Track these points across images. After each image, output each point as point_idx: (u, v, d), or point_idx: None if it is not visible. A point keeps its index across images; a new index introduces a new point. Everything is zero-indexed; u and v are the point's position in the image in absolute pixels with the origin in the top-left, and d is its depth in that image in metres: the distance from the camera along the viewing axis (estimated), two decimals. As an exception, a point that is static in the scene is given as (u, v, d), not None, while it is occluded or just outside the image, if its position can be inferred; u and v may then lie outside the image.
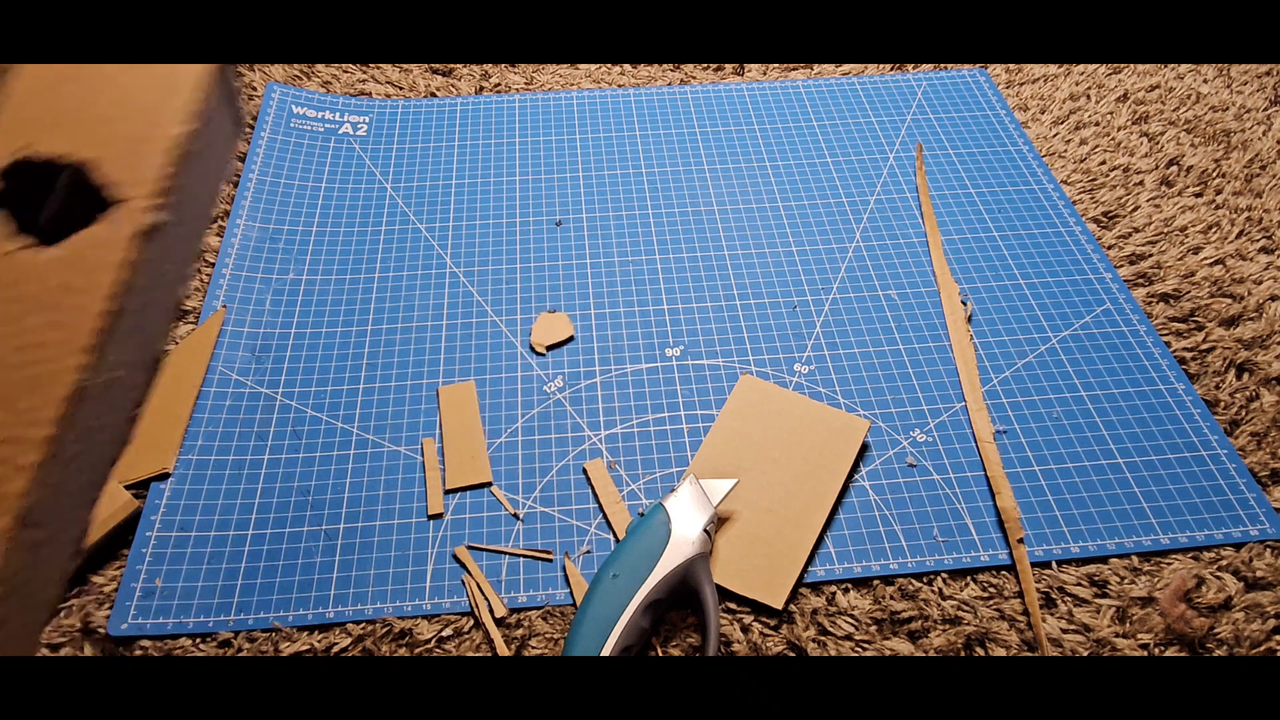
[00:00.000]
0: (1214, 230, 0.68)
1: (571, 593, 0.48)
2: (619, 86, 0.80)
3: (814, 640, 0.47)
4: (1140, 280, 0.65)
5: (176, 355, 0.57)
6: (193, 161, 0.27)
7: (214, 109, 0.27)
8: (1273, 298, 0.63)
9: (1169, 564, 0.50)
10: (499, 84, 0.80)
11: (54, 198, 0.25)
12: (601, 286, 0.64)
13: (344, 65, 0.80)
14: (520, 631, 0.47)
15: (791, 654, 0.47)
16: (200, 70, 0.26)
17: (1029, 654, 0.47)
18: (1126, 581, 0.49)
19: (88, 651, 0.45)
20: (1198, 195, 0.71)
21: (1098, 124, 0.77)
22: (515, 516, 0.51)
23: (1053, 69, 0.83)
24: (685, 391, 0.58)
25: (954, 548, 0.50)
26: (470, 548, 0.50)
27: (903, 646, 0.47)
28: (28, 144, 0.24)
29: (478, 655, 0.46)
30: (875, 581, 0.49)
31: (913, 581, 0.49)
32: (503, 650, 0.46)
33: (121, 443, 0.26)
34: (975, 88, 0.80)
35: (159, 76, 0.27)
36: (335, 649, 0.46)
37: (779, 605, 0.47)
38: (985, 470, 0.54)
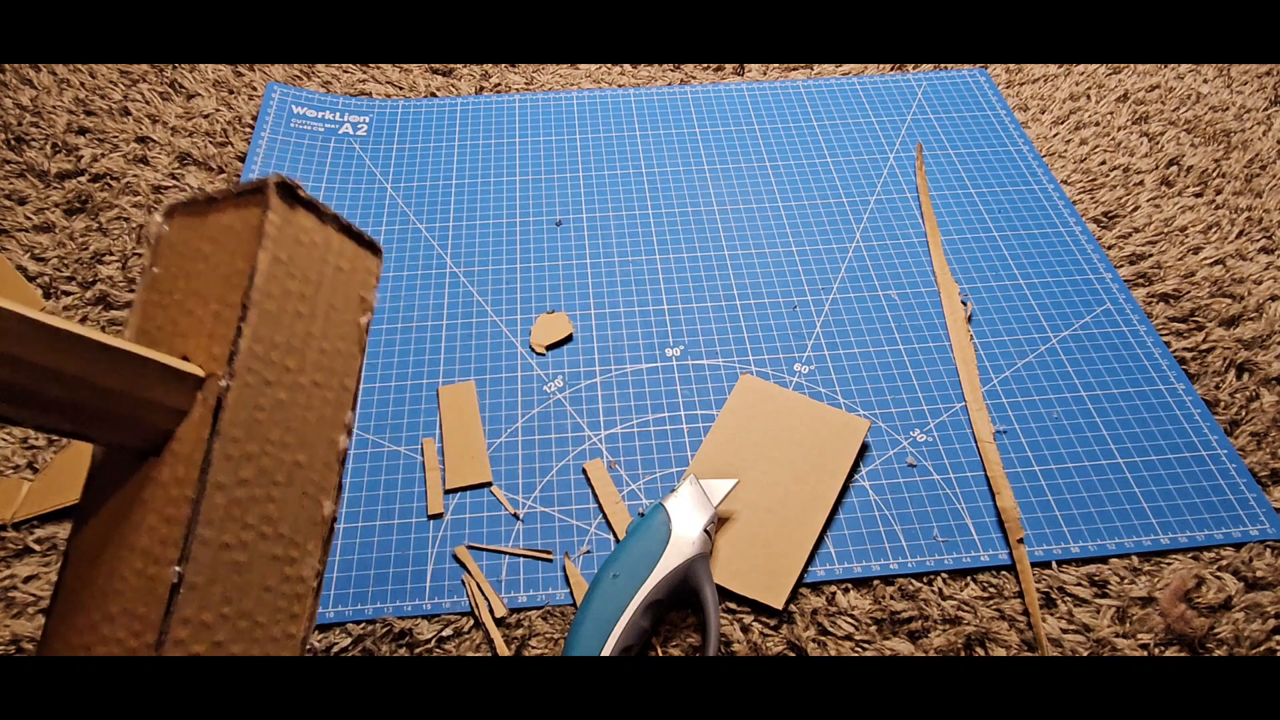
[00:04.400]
0: (1214, 230, 0.68)
1: (571, 593, 0.48)
2: (619, 86, 0.80)
3: (814, 640, 0.47)
4: (1140, 280, 0.65)
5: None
6: (282, 312, 0.26)
7: (293, 253, 0.26)
8: (1273, 298, 0.63)
9: (1169, 564, 0.50)
10: (499, 84, 0.80)
11: None
12: (601, 286, 0.64)
13: (344, 65, 0.80)
14: (520, 631, 0.47)
15: (791, 654, 0.47)
16: (256, 217, 0.25)
17: (1029, 654, 0.47)
18: (1126, 581, 0.49)
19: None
20: (1198, 195, 0.71)
21: (1098, 124, 0.77)
22: (515, 516, 0.51)
23: (1053, 69, 0.83)
24: (685, 391, 0.58)
25: (954, 548, 0.50)
26: (470, 548, 0.50)
27: (903, 646, 0.47)
28: None
29: (478, 655, 0.46)
30: (875, 581, 0.49)
31: (913, 581, 0.49)
32: (503, 650, 0.46)
33: (285, 607, 0.27)
34: (975, 88, 0.80)
35: (234, 230, 0.26)
36: (335, 649, 0.46)
37: (779, 605, 0.47)
38: (985, 470, 0.54)
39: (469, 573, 0.49)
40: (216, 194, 0.26)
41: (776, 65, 0.83)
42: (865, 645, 0.47)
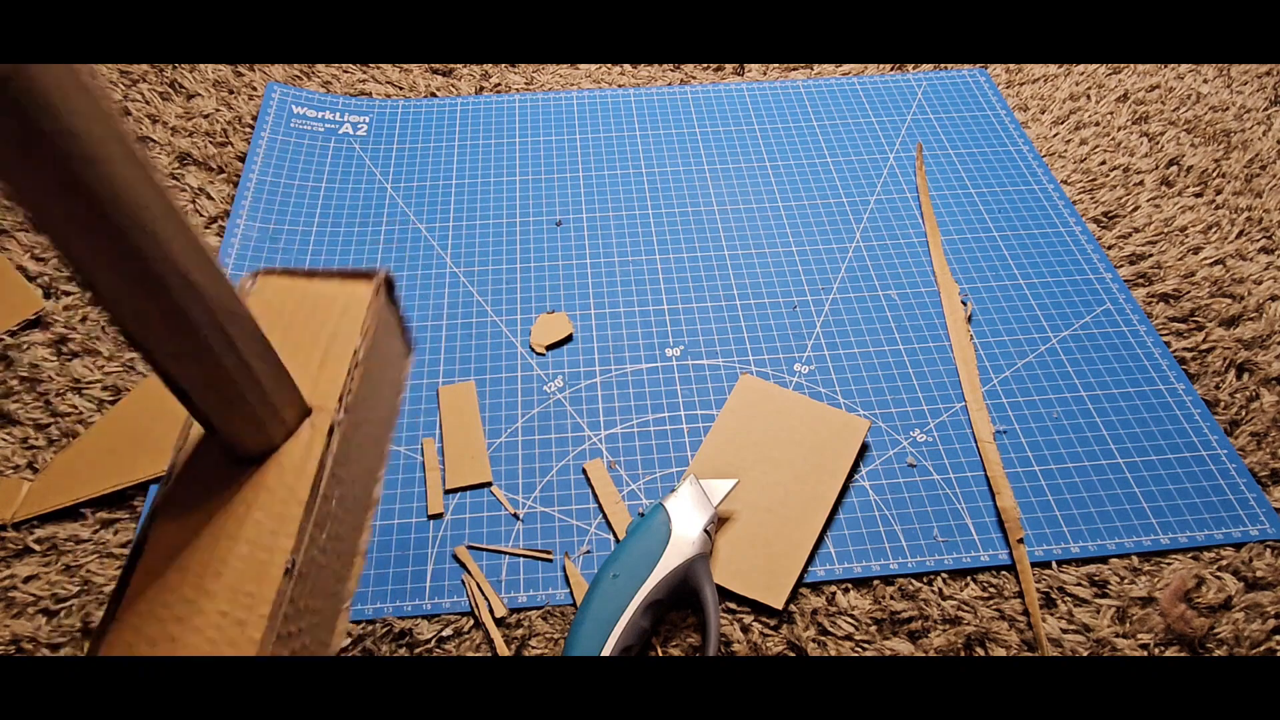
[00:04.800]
0: (1214, 230, 0.68)
1: (571, 593, 0.48)
2: (619, 86, 0.80)
3: (814, 640, 0.47)
4: (1140, 280, 0.65)
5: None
6: (370, 373, 0.31)
7: (382, 329, 0.31)
8: (1273, 298, 0.63)
9: (1169, 564, 0.50)
10: (499, 84, 0.80)
11: None
12: (601, 286, 0.64)
13: (344, 65, 0.80)
14: (520, 631, 0.47)
15: (791, 654, 0.47)
16: (368, 294, 0.30)
17: (1029, 654, 0.47)
18: (1126, 581, 0.49)
19: (88, 651, 0.45)
20: (1198, 195, 0.71)
21: (1098, 124, 0.77)
22: (515, 516, 0.51)
23: (1053, 69, 0.83)
24: (685, 391, 0.58)
25: (954, 548, 0.50)
26: (470, 548, 0.50)
27: (903, 646, 0.47)
28: None
29: (478, 655, 0.46)
30: (875, 581, 0.49)
31: (913, 581, 0.49)
32: (503, 650, 0.46)
33: (332, 617, 0.30)
34: (975, 88, 0.80)
35: (336, 299, 0.31)
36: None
37: (779, 605, 0.47)
38: (985, 470, 0.54)
39: (469, 573, 0.49)
40: (316, 270, 0.32)
41: (776, 65, 0.83)
42: (865, 645, 0.47)
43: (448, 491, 0.52)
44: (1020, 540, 0.50)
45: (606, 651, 0.43)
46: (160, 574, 0.26)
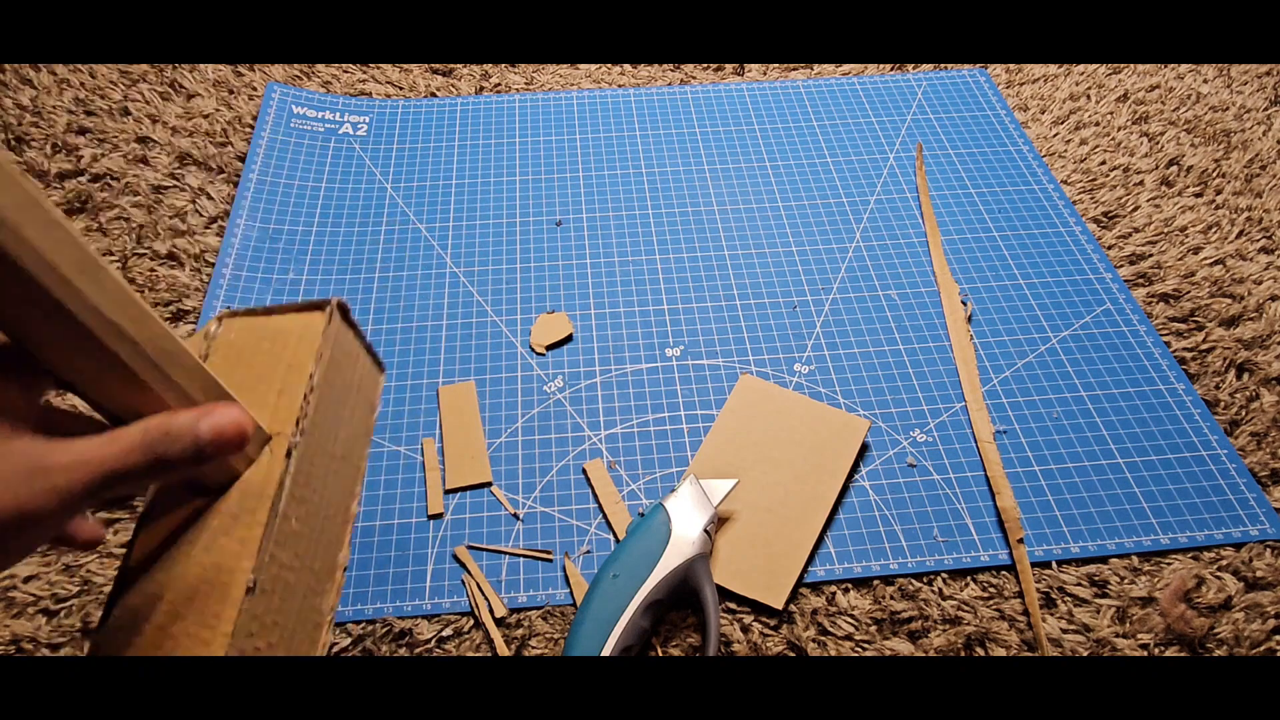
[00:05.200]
0: (1214, 230, 0.68)
1: (571, 593, 0.48)
2: (619, 86, 0.80)
3: (814, 640, 0.47)
4: (1140, 280, 0.65)
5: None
6: (329, 396, 0.32)
7: (339, 353, 0.33)
8: (1273, 298, 0.63)
9: (1169, 564, 0.50)
10: (499, 84, 0.80)
11: None
12: (601, 286, 0.64)
13: (344, 65, 0.80)
14: (520, 631, 0.47)
15: (791, 654, 0.47)
16: (321, 322, 0.32)
17: (1029, 654, 0.47)
18: (1126, 581, 0.49)
19: (88, 651, 0.45)
20: (1198, 195, 0.71)
21: (1098, 124, 0.77)
22: (515, 516, 0.51)
23: (1053, 69, 0.83)
24: (685, 391, 0.58)
25: (954, 548, 0.50)
26: (470, 548, 0.50)
27: (903, 646, 0.47)
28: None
29: (478, 655, 0.46)
30: (875, 581, 0.49)
31: (913, 581, 0.49)
32: (503, 650, 0.46)
33: (310, 630, 0.31)
34: (975, 88, 0.80)
35: (292, 331, 0.32)
36: (335, 649, 0.46)
37: (779, 605, 0.47)
38: (985, 470, 0.54)
39: (469, 573, 0.49)
40: (273, 307, 0.33)
41: (776, 65, 0.83)
42: (865, 645, 0.47)
43: (448, 491, 0.52)
44: (1020, 540, 0.50)
45: (606, 651, 0.43)
46: (143, 594, 0.28)
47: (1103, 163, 0.73)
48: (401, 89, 0.79)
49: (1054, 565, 0.50)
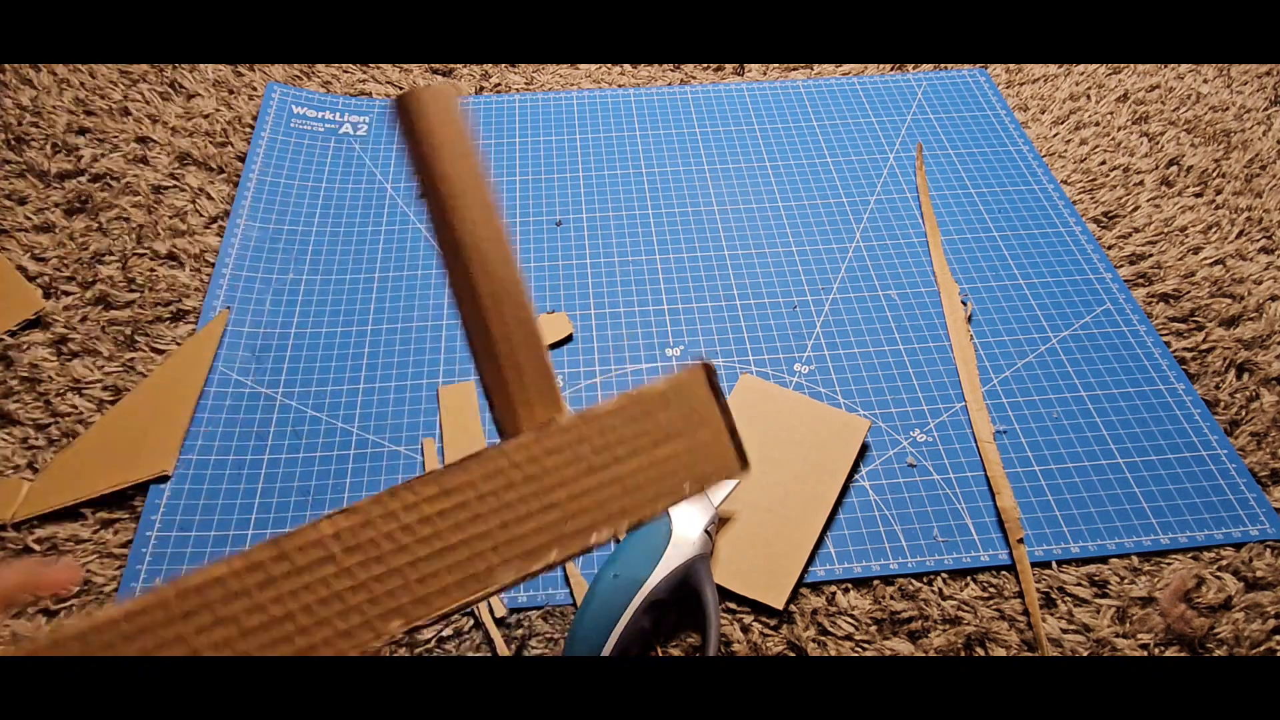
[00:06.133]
0: (1214, 230, 0.68)
1: (571, 593, 0.48)
2: (619, 86, 0.80)
3: (814, 640, 0.47)
4: (1140, 280, 0.65)
5: (176, 357, 0.57)
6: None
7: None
8: (1273, 298, 0.63)
9: (1169, 564, 0.50)
10: (499, 84, 0.80)
11: None
12: (601, 286, 0.64)
13: (344, 65, 0.80)
14: (520, 631, 0.47)
15: (791, 654, 0.47)
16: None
17: (1029, 654, 0.47)
18: (1126, 581, 0.49)
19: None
20: (1198, 195, 0.71)
21: (1098, 124, 0.77)
22: (515, 516, 0.51)
23: (1053, 69, 0.83)
24: (685, 391, 0.58)
25: (954, 548, 0.50)
26: (470, 548, 0.50)
27: (903, 646, 0.47)
28: None
29: (478, 655, 0.46)
30: (875, 581, 0.49)
31: (913, 581, 0.49)
32: (503, 650, 0.46)
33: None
34: (975, 88, 0.80)
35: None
36: (335, 649, 0.46)
37: (779, 605, 0.47)
38: (985, 470, 0.54)
39: (469, 573, 0.49)
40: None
41: (776, 65, 0.83)
42: (865, 645, 0.47)
43: (448, 491, 0.52)
44: (1020, 540, 0.50)
45: (606, 651, 0.43)
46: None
47: (1103, 163, 0.73)
48: (401, 89, 0.79)
49: (1054, 565, 0.50)
